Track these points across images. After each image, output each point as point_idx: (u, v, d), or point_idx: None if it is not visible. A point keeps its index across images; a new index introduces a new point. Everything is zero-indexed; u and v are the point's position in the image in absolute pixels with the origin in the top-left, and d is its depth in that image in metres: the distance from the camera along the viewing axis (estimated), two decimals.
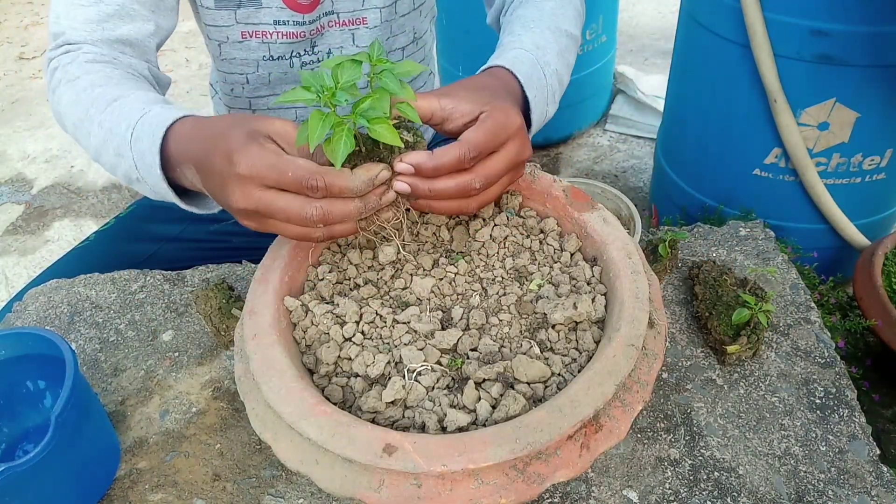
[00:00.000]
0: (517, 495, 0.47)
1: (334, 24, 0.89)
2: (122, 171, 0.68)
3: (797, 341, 0.74)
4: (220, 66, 0.92)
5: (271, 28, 0.86)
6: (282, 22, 0.85)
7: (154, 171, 0.63)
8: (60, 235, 2.24)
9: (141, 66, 0.79)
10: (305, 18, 0.86)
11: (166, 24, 0.82)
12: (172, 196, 0.65)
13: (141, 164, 0.65)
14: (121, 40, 0.77)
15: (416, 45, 0.99)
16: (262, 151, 0.52)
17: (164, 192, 0.65)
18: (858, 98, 1.33)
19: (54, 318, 0.83)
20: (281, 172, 0.51)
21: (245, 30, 0.86)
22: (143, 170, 0.65)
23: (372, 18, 0.90)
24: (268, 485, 0.64)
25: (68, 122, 0.73)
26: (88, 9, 0.75)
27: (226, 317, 0.76)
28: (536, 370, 0.53)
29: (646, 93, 2.42)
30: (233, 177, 0.53)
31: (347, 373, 0.56)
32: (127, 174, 0.68)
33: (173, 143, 0.62)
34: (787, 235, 1.49)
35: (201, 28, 0.90)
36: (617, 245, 0.60)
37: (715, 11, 1.41)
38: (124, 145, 0.65)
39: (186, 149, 0.60)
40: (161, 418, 0.71)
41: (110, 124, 0.67)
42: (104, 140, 0.68)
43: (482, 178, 0.56)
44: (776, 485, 0.62)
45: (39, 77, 3.15)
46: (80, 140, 0.73)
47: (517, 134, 0.58)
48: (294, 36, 0.87)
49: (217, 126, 0.58)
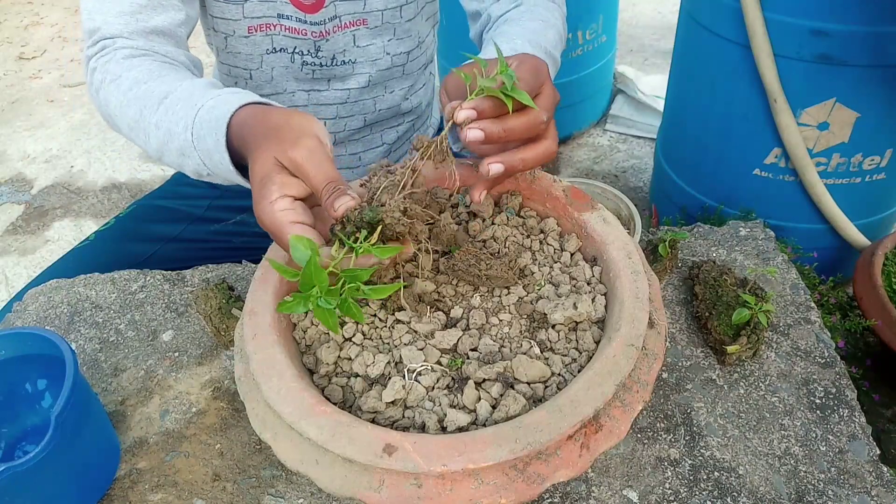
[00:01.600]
0: (517, 495, 0.47)
1: (338, 29, 0.89)
2: (191, 169, 0.69)
3: (797, 341, 0.74)
4: (225, 59, 0.92)
5: (275, 21, 0.86)
6: (286, 16, 0.86)
7: (225, 167, 0.63)
8: (60, 235, 2.24)
9: (177, 54, 0.79)
10: (308, 18, 0.86)
11: (193, 13, 0.82)
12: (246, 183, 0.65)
13: (209, 162, 0.65)
14: (155, 31, 0.77)
15: (419, 50, 0.99)
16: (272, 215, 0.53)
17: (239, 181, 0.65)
18: (858, 98, 1.33)
19: (54, 318, 0.83)
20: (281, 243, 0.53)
21: (251, 24, 0.86)
22: (213, 166, 0.65)
23: (372, 20, 0.90)
24: (268, 485, 0.64)
25: (122, 123, 0.73)
26: (121, 1, 0.76)
27: (226, 317, 0.76)
28: (536, 370, 0.53)
29: (646, 93, 2.42)
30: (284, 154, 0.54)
31: (347, 373, 0.56)
32: (196, 171, 0.68)
33: (235, 139, 0.62)
34: (787, 235, 1.50)
35: (206, 22, 0.90)
36: (617, 245, 0.60)
37: (715, 11, 1.41)
38: (188, 146, 0.66)
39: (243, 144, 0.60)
40: (161, 418, 0.71)
41: (168, 124, 0.67)
42: (164, 141, 0.68)
43: (546, 111, 0.57)
44: (776, 485, 0.62)
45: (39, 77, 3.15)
46: (137, 141, 0.73)
47: (548, 76, 0.59)
48: (297, 32, 0.87)
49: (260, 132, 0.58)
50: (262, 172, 0.54)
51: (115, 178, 2.48)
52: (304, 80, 0.93)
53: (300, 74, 0.92)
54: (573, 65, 2.15)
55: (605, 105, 2.48)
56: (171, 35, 0.79)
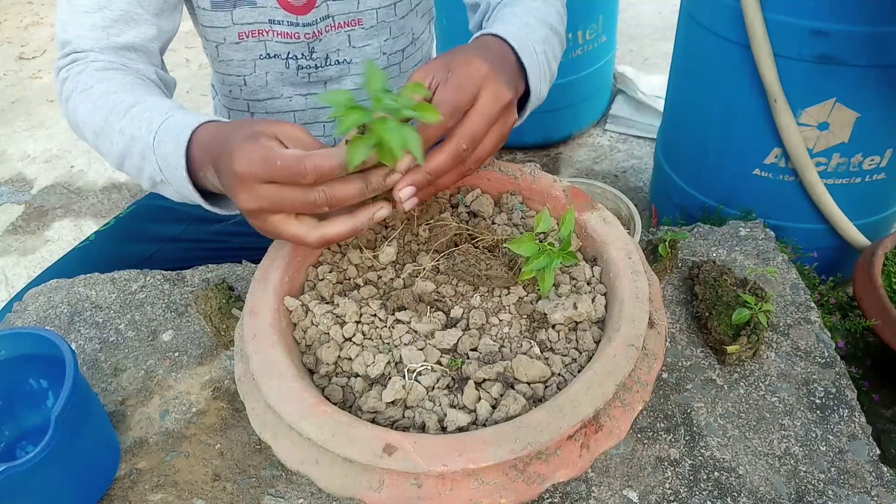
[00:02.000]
0: (517, 495, 0.47)
1: (331, 28, 0.89)
2: (147, 174, 0.69)
3: (797, 341, 0.74)
4: (218, 68, 0.92)
5: (267, 27, 0.86)
6: (277, 21, 0.86)
7: (179, 173, 0.63)
8: (60, 235, 2.24)
9: (149, 71, 0.79)
10: (300, 20, 0.86)
11: (168, 26, 0.82)
12: (197, 197, 0.65)
13: (165, 167, 0.65)
14: (126, 46, 0.77)
15: (414, 46, 0.99)
16: (255, 147, 0.52)
17: (189, 193, 0.65)
18: (858, 98, 1.33)
19: (54, 318, 0.83)
20: (270, 163, 0.51)
21: (242, 30, 0.86)
22: (168, 172, 0.65)
23: (367, 19, 0.90)
24: (268, 485, 0.64)
25: (87, 131, 0.74)
26: (93, 15, 0.76)
27: (226, 317, 0.76)
28: (536, 370, 0.53)
29: (646, 93, 2.42)
30: (233, 176, 0.53)
31: (347, 373, 0.56)
32: (151, 177, 0.68)
33: (196, 147, 0.62)
34: (787, 235, 1.50)
35: (199, 29, 0.90)
36: (617, 245, 0.60)
37: (715, 11, 1.41)
38: (148, 150, 0.66)
39: (206, 151, 0.61)
40: (161, 418, 0.71)
41: (132, 130, 0.68)
42: (126, 146, 0.69)
43: (467, 139, 0.55)
44: (776, 485, 0.62)
45: (39, 77, 3.15)
46: (101, 148, 0.73)
47: (486, 80, 0.56)
48: (289, 36, 0.87)
49: (229, 129, 0.58)
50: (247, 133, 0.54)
51: (115, 178, 2.48)
52: (299, 85, 0.93)
53: (296, 79, 0.92)
54: (573, 65, 2.15)
55: (605, 105, 2.48)
56: (142, 51, 0.79)
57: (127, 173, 0.73)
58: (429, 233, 0.65)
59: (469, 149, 0.56)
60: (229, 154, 0.54)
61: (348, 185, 0.53)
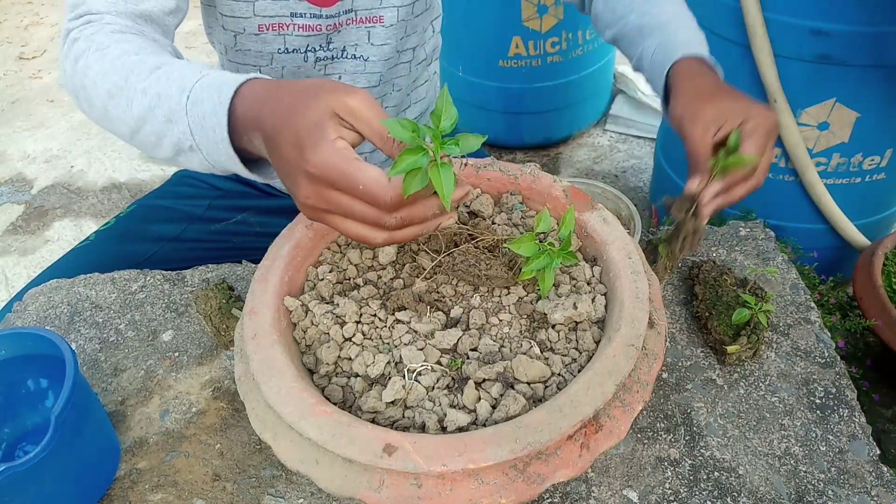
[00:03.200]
0: (517, 495, 0.47)
1: (352, 22, 0.88)
2: (172, 140, 0.62)
3: (797, 341, 0.74)
4: (234, 58, 0.91)
5: (288, 20, 0.85)
6: (299, 14, 0.85)
7: (217, 135, 0.57)
8: (60, 235, 2.24)
9: (165, 43, 0.75)
10: (323, 12, 0.85)
11: (184, 5, 0.79)
12: (236, 163, 0.59)
13: (198, 129, 0.59)
14: (143, 15, 0.73)
15: (422, 45, 0.99)
16: (333, 155, 0.49)
17: (225, 160, 0.59)
18: (858, 98, 1.33)
19: (54, 318, 0.83)
20: (350, 184, 0.49)
21: (262, 22, 0.85)
22: (201, 135, 0.59)
23: (389, 17, 0.89)
24: (268, 485, 0.64)
25: (99, 92, 0.66)
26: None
27: (226, 317, 0.76)
28: (536, 370, 0.53)
29: (646, 93, 2.42)
30: (302, 171, 0.50)
31: (347, 373, 0.56)
32: (177, 142, 0.61)
33: (241, 106, 0.57)
34: (787, 235, 1.49)
35: (212, 21, 0.89)
36: (617, 245, 0.60)
37: (715, 11, 1.41)
38: (179, 110, 0.60)
39: (255, 116, 0.55)
40: (161, 418, 0.71)
41: (158, 90, 0.61)
42: (149, 107, 0.62)
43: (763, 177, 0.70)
44: (776, 485, 0.62)
45: (39, 77, 3.15)
46: (113, 112, 0.65)
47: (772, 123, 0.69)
48: (311, 29, 0.86)
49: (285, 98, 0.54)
50: (315, 118, 0.50)
51: (115, 178, 2.48)
52: (315, 77, 0.93)
53: (312, 72, 0.92)
54: (573, 65, 2.15)
55: (605, 105, 2.48)
56: (159, 23, 0.75)
57: (139, 144, 0.66)
58: None
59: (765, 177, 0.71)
60: (297, 145, 0.50)
61: (424, 207, 0.52)
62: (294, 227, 0.64)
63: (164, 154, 0.65)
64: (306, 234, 0.64)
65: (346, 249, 0.65)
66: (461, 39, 2.17)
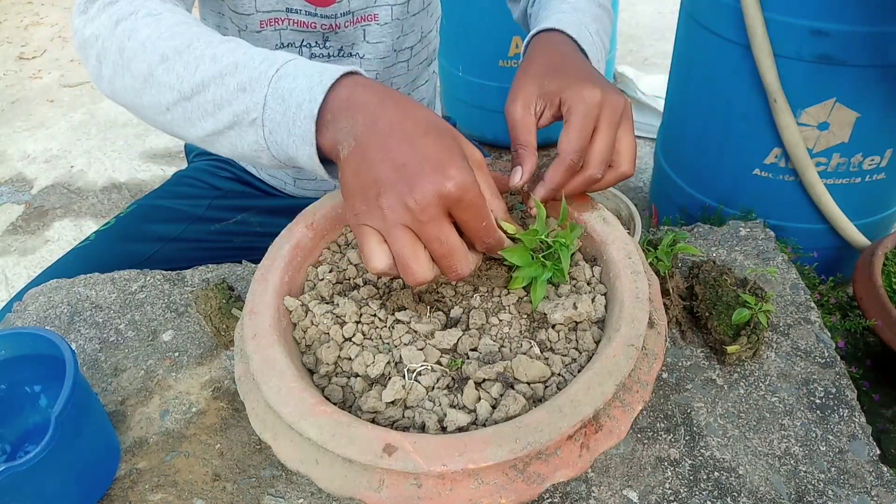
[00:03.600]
0: (517, 495, 0.47)
1: (350, 24, 0.89)
2: (233, 110, 0.56)
3: (797, 341, 0.74)
4: None
5: (283, 15, 0.86)
6: (294, 10, 0.85)
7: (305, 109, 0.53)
8: (60, 235, 2.24)
9: None
10: (318, 11, 0.86)
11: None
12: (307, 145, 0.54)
13: (275, 103, 0.54)
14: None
15: (421, 45, 0.99)
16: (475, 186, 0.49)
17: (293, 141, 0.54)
18: (858, 98, 1.33)
19: (54, 318, 0.83)
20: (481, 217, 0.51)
21: (262, 18, 0.86)
22: (275, 109, 0.54)
23: (383, 15, 0.90)
24: (268, 485, 0.64)
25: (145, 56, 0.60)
26: None
27: (226, 317, 0.76)
28: (536, 370, 0.53)
29: (646, 93, 2.42)
30: (436, 183, 0.48)
31: (347, 373, 0.56)
32: (240, 114, 0.56)
33: (347, 89, 0.53)
34: (787, 235, 1.50)
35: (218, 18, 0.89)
36: (617, 245, 0.60)
37: (715, 11, 1.41)
38: (260, 80, 0.55)
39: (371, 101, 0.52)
40: (161, 418, 0.71)
41: (234, 59, 0.57)
42: (219, 73, 0.57)
43: (600, 165, 0.60)
44: (776, 485, 0.62)
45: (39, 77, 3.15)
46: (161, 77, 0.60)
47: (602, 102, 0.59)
48: (304, 25, 0.87)
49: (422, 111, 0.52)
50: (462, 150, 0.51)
51: (115, 178, 2.48)
52: None
53: None
54: None
55: None
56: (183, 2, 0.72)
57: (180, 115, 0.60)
58: None
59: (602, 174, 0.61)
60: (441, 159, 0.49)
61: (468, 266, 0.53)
62: (294, 227, 0.64)
63: (209, 127, 0.59)
64: (306, 234, 0.64)
65: (346, 249, 0.65)
66: (461, 39, 2.17)
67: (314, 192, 1.08)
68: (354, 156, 0.51)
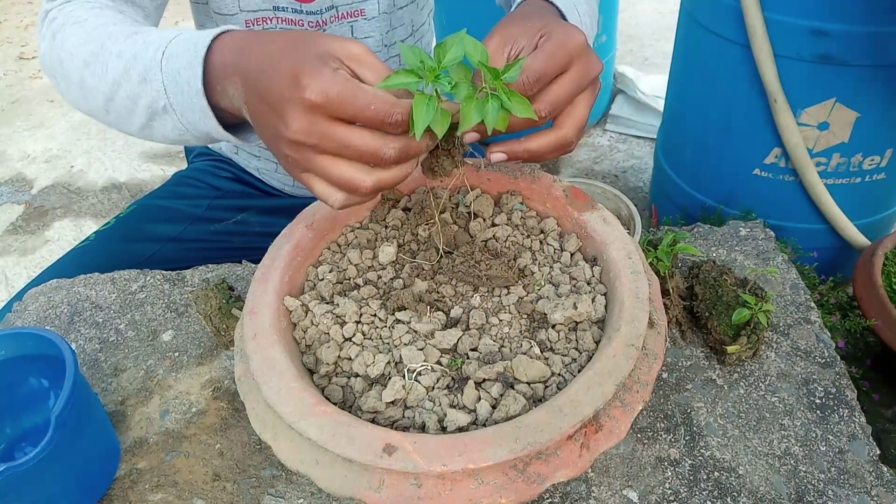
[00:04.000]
0: (517, 495, 0.47)
1: (335, 19, 0.89)
2: (146, 101, 0.60)
3: (797, 341, 0.74)
4: None
5: (271, 14, 0.86)
6: (281, 8, 0.86)
7: (193, 87, 0.56)
8: (60, 235, 2.24)
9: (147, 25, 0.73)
10: (304, 8, 0.86)
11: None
12: (210, 118, 0.57)
13: (172, 85, 0.57)
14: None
15: (413, 38, 0.99)
16: (337, 78, 0.47)
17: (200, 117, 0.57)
18: (858, 98, 1.33)
19: (54, 318, 0.83)
20: (359, 105, 0.47)
21: (248, 17, 0.86)
22: (175, 92, 0.57)
23: (370, 10, 0.90)
24: (268, 485, 0.64)
25: (73, 64, 0.64)
26: None
27: (226, 317, 0.76)
28: (536, 370, 0.53)
29: (646, 93, 2.42)
30: (297, 101, 0.47)
31: (347, 373, 0.56)
32: (151, 103, 0.60)
33: (219, 54, 0.55)
34: (787, 235, 1.50)
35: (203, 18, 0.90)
36: (617, 245, 0.60)
37: (715, 11, 1.41)
38: (153, 67, 0.58)
39: (236, 61, 0.53)
40: (161, 418, 0.71)
41: (133, 52, 0.59)
42: (124, 69, 0.60)
43: (548, 106, 0.53)
44: (776, 485, 0.62)
45: (39, 77, 3.15)
46: (89, 81, 0.63)
47: (581, 50, 0.54)
48: (293, 23, 0.87)
49: (278, 41, 0.52)
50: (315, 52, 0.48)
51: (115, 178, 2.48)
52: None
53: None
54: None
55: (605, 105, 2.48)
56: (140, 6, 0.74)
57: (115, 114, 0.63)
58: (428, 232, 0.65)
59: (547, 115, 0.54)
60: (293, 75, 0.47)
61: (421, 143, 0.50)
62: (294, 227, 0.64)
63: (138, 121, 0.62)
64: (306, 234, 0.64)
65: (346, 249, 0.65)
66: None
67: None
68: (252, 120, 0.53)
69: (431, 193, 0.67)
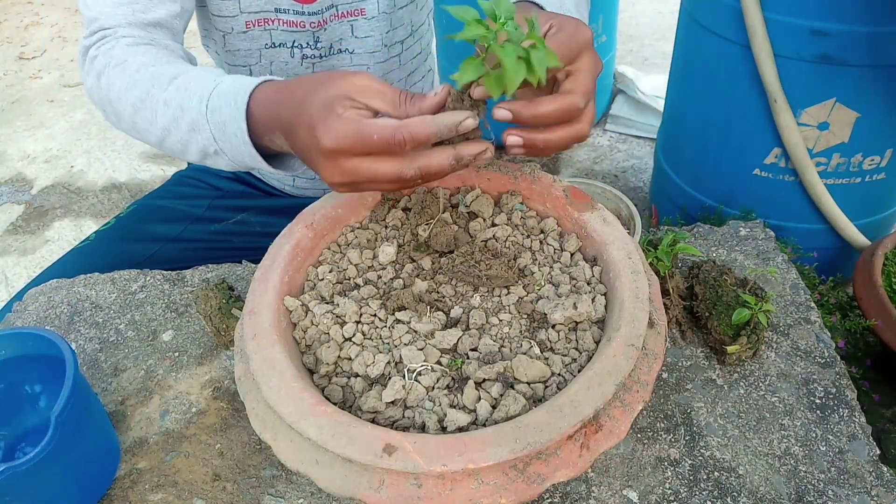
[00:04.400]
0: (517, 495, 0.47)
1: (335, 18, 0.89)
2: (197, 147, 0.67)
3: (797, 341, 0.74)
4: (226, 59, 0.92)
5: (273, 15, 0.86)
6: (283, 10, 0.86)
7: (240, 138, 0.62)
8: (60, 235, 2.24)
9: (176, 48, 0.78)
10: (305, 9, 0.86)
11: (188, 5, 0.82)
12: (260, 162, 0.64)
13: (221, 136, 0.64)
14: (152, 23, 0.77)
15: (413, 38, 0.99)
16: (340, 123, 0.51)
17: (250, 160, 0.64)
18: (858, 98, 1.33)
19: (54, 318, 0.83)
20: (365, 139, 0.51)
21: (249, 19, 0.86)
22: (224, 141, 0.64)
23: (370, 9, 0.90)
24: (268, 485, 0.64)
25: (124, 107, 0.71)
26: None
27: (226, 317, 0.76)
28: (536, 370, 0.53)
29: (646, 93, 2.42)
30: (319, 151, 0.53)
31: (347, 373, 0.56)
32: (203, 148, 0.67)
33: (257, 109, 0.61)
34: (787, 235, 1.49)
35: (205, 22, 0.90)
36: (617, 245, 0.60)
37: (715, 11, 1.41)
38: (200, 119, 0.65)
39: (272, 115, 0.60)
40: (161, 418, 0.71)
41: (178, 101, 0.66)
42: (173, 118, 0.67)
43: (583, 93, 0.54)
44: (776, 485, 0.62)
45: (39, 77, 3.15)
46: (141, 124, 0.71)
47: (589, 45, 0.56)
48: (294, 24, 0.87)
49: (297, 92, 0.57)
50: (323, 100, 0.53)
51: (115, 178, 2.48)
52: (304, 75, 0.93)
53: (300, 69, 0.92)
54: None
55: (605, 105, 2.48)
56: (168, 27, 0.78)
57: (168, 149, 0.71)
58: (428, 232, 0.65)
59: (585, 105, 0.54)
60: (310, 127, 0.53)
61: (440, 157, 0.53)
62: (294, 227, 0.64)
63: (192, 158, 0.70)
64: (306, 234, 0.64)
65: (346, 249, 0.65)
66: None
67: (314, 192, 1.08)
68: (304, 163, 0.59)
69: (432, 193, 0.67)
